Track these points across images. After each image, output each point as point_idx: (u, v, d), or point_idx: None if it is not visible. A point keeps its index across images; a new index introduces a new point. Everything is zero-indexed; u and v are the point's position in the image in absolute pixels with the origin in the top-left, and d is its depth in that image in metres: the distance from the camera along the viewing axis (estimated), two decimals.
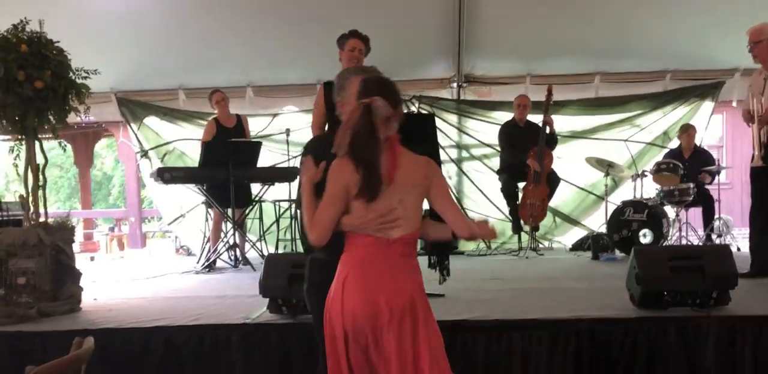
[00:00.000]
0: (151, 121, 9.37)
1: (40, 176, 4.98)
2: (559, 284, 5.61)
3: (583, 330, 4.04)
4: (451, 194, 2.62)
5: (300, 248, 7.73)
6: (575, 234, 9.15)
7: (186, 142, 9.15)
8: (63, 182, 27.31)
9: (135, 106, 9.31)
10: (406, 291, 2.53)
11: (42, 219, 4.95)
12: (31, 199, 4.96)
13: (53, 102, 4.83)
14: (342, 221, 2.51)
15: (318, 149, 2.70)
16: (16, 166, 4.99)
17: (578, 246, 8.52)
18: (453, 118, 9.32)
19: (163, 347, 4.13)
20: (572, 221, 9.33)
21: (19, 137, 4.97)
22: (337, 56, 5.40)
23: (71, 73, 4.91)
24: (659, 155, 8.68)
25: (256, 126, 8.97)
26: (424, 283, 2.64)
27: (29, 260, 4.66)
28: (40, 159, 4.99)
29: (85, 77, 4.98)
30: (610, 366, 4.03)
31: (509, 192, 8.03)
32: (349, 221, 2.51)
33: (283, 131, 8.17)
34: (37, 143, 4.99)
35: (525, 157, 7.70)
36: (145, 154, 9.30)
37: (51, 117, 4.91)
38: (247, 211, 7.68)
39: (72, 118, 5.17)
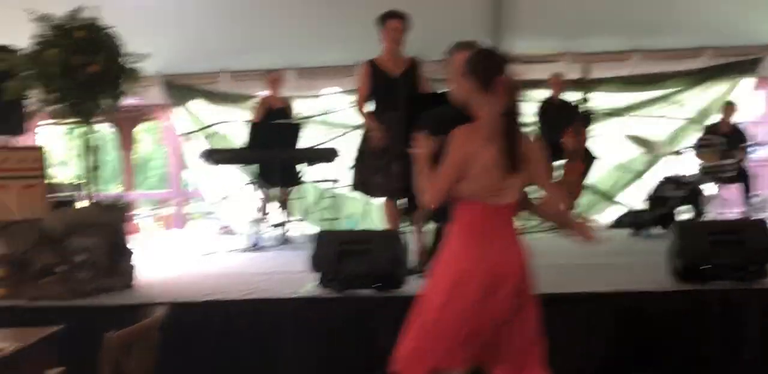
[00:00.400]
0: (196, 103, 9.57)
1: (96, 158, 5.18)
2: (599, 259, 5.67)
3: (625, 304, 4.15)
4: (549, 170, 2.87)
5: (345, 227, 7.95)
6: (614, 211, 9.19)
7: (229, 124, 9.32)
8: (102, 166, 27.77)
9: (180, 89, 9.50)
10: (518, 255, 2.79)
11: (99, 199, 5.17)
12: (86, 180, 5.17)
13: (107, 86, 5.02)
14: (460, 187, 2.69)
15: (435, 123, 2.93)
16: (73, 149, 5.19)
17: (617, 223, 8.56)
18: None
19: (218, 321, 4.32)
20: (610, 198, 9.36)
21: (75, 120, 5.18)
22: (375, 36, 5.52)
23: (123, 58, 5.09)
24: (698, 132, 8.66)
25: (298, 107, 9.12)
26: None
27: (87, 238, 4.86)
28: (94, 142, 5.21)
29: (137, 61, 5.16)
30: (652, 339, 4.13)
31: None
32: (466, 187, 2.69)
33: (323, 113, 8.31)
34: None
35: (560, 135, 7.74)
36: (190, 136, 9.50)
37: (104, 101, 5.11)
38: (291, 190, 7.85)
39: None
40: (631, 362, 4.14)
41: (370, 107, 5.56)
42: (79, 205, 5.71)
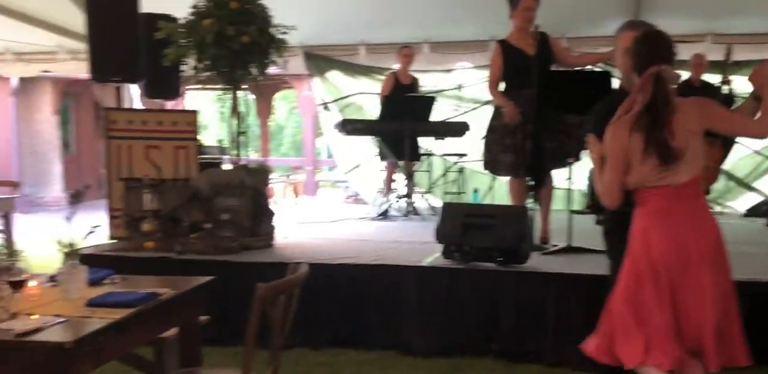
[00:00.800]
0: (333, 75, 9.88)
1: (243, 123, 5.53)
2: (731, 248, 5.55)
3: (758, 291, 4.10)
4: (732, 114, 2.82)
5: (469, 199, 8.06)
6: (749, 199, 8.87)
7: (364, 95, 9.57)
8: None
9: (319, 60, 9.82)
10: (711, 230, 2.72)
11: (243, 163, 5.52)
12: (232, 144, 5.52)
13: (257, 55, 5.32)
14: (626, 181, 2.70)
15: (601, 122, 2.85)
16: (223, 113, 5.55)
17: (753, 212, 8.28)
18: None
19: (347, 283, 4.58)
20: (746, 185, 9.04)
21: (225, 87, 5.52)
22: (505, 12, 5.55)
23: (272, 29, 5.37)
24: None
25: (430, 81, 9.26)
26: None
27: (232, 198, 5.22)
28: (243, 108, 5.55)
29: (285, 33, 5.44)
30: None
31: None
32: (631, 178, 2.70)
33: (456, 87, 8.42)
34: (239, 93, 5.55)
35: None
36: (326, 106, 9.84)
37: (254, 69, 5.42)
38: (416, 164, 8.04)
39: None
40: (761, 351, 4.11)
41: (501, 86, 5.58)
42: (224, 167, 6.09)
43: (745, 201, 8.90)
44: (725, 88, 7.54)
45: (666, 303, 2.65)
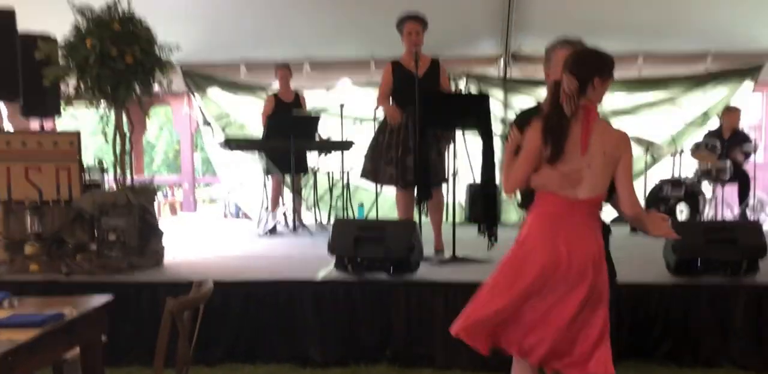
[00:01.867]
0: (214, 92, 9.84)
1: (127, 143, 5.47)
2: None
3: (621, 293, 4.43)
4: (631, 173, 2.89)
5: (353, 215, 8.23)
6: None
7: (246, 113, 9.59)
8: (108, 149, 27.99)
9: (198, 77, 9.77)
10: (589, 246, 2.80)
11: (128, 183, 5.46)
12: (119, 164, 5.46)
13: (141, 75, 5.30)
14: (531, 178, 2.84)
15: (523, 121, 3.01)
16: (106, 133, 5.48)
17: (618, 220, 8.82)
18: (499, 94, 9.64)
19: (242, 299, 4.62)
20: None
21: (109, 106, 5.45)
22: (388, 33, 5.82)
23: (156, 50, 5.38)
24: (699, 134, 8.93)
25: (312, 99, 9.39)
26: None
27: (119, 218, 5.17)
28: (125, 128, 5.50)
29: (169, 53, 5.45)
30: (647, 328, 4.44)
31: None
32: (536, 178, 2.83)
33: (338, 105, 8.59)
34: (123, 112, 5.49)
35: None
36: (207, 123, 9.79)
37: (137, 89, 5.39)
38: (304, 177, 8.14)
39: None
40: (628, 349, 4.46)
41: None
42: (108, 187, 5.99)
43: (612, 211, 9.45)
44: None
45: (516, 300, 2.79)
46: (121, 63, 5.11)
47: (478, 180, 5.66)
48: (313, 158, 8.07)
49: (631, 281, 4.54)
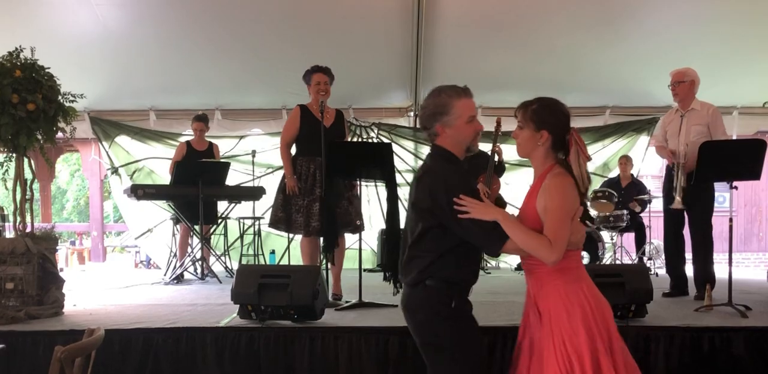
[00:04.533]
0: (122, 139, 9.78)
1: (28, 190, 5.40)
2: (501, 298, 6.16)
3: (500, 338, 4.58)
4: None
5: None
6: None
7: (155, 160, 9.56)
8: (9, 199, 27.16)
9: (107, 125, 9.70)
10: None
11: (28, 230, 5.37)
12: (18, 211, 5.36)
13: (43, 123, 5.26)
14: (571, 240, 2.75)
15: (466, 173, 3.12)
16: (5, 181, 5.39)
17: (520, 267, 9.09)
18: (410, 144, 9.91)
19: (142, 347, 4.55)
20: None
21: (9, 154, 5.39)
22: (299, 84, 5.97)
23: (60, 97, 5.37)
24: (598, 184, 9.33)
25: (223, 147, 9.44)
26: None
27: (17, 267, 5.06)
28: (27, 175, 5.43)
29: (72, 101, 5.44)
30: None
31: None
32: (574, 238, 2.78)
33: (249, 152, 8.66)
34: (25, 160, 5.43)
35: (474, 183, 8.25)
36: (115, 171, 9.69)
37: (40, 137, 5.35)
38: (213, 227, 8.12)
39: None
40: None
41: (292, 149, 5.94)
42: (7, 235, 5.87)
43: (516, 257, 9.72)
44: (496, 156, 8.35)
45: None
46: (23, 110, 5.08)
47: None
48: (223, 205, 8.07)
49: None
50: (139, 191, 7.26)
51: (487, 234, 2.77)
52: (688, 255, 6.26)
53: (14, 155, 5.37)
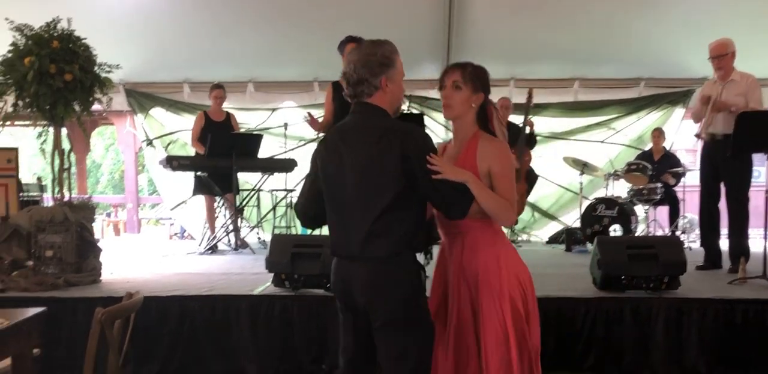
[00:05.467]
0: (157, 111, 9.91)
1: (66, 160, 5.49)
2: (532, 270, 6.08)
3: (549, 307, 4.60)
4: None
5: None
6: (552, 228, 9.73)
7: (189, 132, 9.62)
8: (49, 169, 27.59)
9: (142, 97, 9.82)
10: None
11: (66, 199, 5.47)
12: (57, 181, 5.46)
13: (80, 93, 5.34)
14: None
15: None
16: (44, 150, 5.49)
17: (554, 239, 9.09)
18: (441, 117, 9.84)
19: (179, 314, 4.66)
20: (549, 216, 9.91)
21: (47, 124, 5.47)
22: (332, 55, 5.94)
23: (96, 68, 5.43)
24: (633, 157, 9.23)
25: (255, 119, 9.50)
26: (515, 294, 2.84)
27: (56, 235, 5.17)
28: (65, 145, 5.52)
29: (108, 71, 5.51)
30: (572, 339, 4.60)
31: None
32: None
33: (281, 125, 8.69)
34: (62, 130, 5.52)
35: None
36: (150, 142, 9.80)
37: (77, 107, 5.43)
38: (246, 200, 8.19)
39: None
40: (555, 361, 4.61)
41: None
42: (46, 204, 5.99)
43: (548, 230, 9.74)
44: (527, 129, 8.31)
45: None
46: (60, 81, 5.16)
47: None
48: (256, 177, 8.13)
49: (558, 295, 4.73)
50: (174, 163, 7.34)
51: (459, 195, 2.61)
52: (723, 230, 6.22)
53: (52, 125, 5.46)
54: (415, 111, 9.52)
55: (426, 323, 2.66)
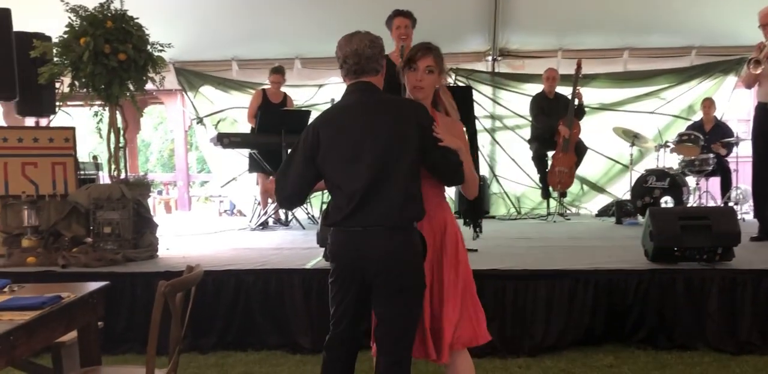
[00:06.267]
0: (206, 90, 10.02)
1: (121, 138, 5.61)
2: (582, 243, 6.15)
3: (600, 279, 4.60)
4: None
5: None
6: (601, 201, 9.64)
7: (238, 110, 9.71)
8: (102, 148, 28.13)
9: (191, 75, 9.94)
10: None
11: (122, 177, 5.61)
12: (113, 159, 5.59)
13: (134, 72, 5.43)
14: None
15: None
16: (100, 129, 5.62)
17: (603, 212, 9.03)
18: (487, 90, 9.81)
19: (234, 287, 4.77)
20: (598, 188, 9.82)
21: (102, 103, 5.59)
22: (379, 30, 5.91)
23: (149, 47, 5.51)
24: (683, 127, 9.08)
25: (302, 96, 9.54)
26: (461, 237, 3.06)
27: (114, 212, 5.31)
28: (119, 124, 5.63)
29: (161, 50, 5.59)
30: (623, 311, 4.60)
31: (539, 160, 8.55)
32: None
33: (328, 101, 8.73)
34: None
35: (555, 125, 8.17)
36: (200, 120, 9.93)
37: (131, 86, 5.53)
38: None
39: None
40: (607, 333, 4.62)
41: None
42: (103, 182, 6.13)
43: (597, 203, 9.66)
44: (576, 100, 8.23)
45: None
46: (114, 60, 5.24)
47: None
48: None
49: (609, 267, 4.72)
50: (225, 140, 7.45)
51: (459, 162, 2.81)
52: None
53: (107, 104, 5.57)
54: (461, 84, 9.50)
55: (425, 285, 2.81)
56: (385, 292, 2.73)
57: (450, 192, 9.15)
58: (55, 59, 5.40)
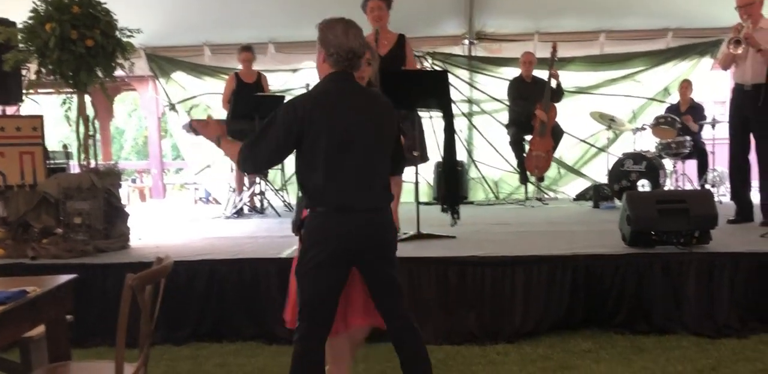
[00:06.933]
0: (178, 75, 9.86)
1: (91, 126, 5.48)
2: (559, 228, 6.13)
3: (578, 265, 4.58)
4: None
5: None
6: (579, 185, 9.63)
7: (211, 96, 9.57)
8: (73, 137, 27.77)
9: (163, 61, 9.78)
10: None
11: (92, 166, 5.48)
12: (83, 148, 5.47)
13: (102, 59, 5.29)
14: None
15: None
16: (68, 117, 5.48)
17: (581, 196, 9.01)
18: (464, 74, 9.74)
19: (207, 277, 4.69)
20: (576, 172, 9.80)
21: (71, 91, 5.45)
22: (354, 13, 5.80)
23: (117, 33, 5.37)
24: (659, 110, 9.08)
25: (276, 81, 9.40)
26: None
27: (84, 202, 5.19)
28: (89, 112, 5.50)
29: (130, 36, 5.45)
30: (602, 296, 4.58)
31: (517, 144, 8.51)
32: None
33: (303, 86, 8.61)
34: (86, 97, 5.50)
35: (532, 109, 8.14)
36: (173, 107, 9.79)
37: (99, 72, 5.40)
38: None
39: None
40: (585, 318, 4.60)
41: None
42: (72, 171, 6.01)
43: (575, 187, 9.64)
44: (553, 83, 8.19)
45: None
46: (82, 46, 5.10)
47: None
48: None
49: (587, 252, 4.69)
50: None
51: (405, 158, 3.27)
52: (754, 182, 6.12)
53: (75, 92, 5.44)
54: (438, 68, 9.42)
55: None
56: (382, 262, 2.93)
57: (428, 178, 9.15)
58: (21, 46, 5.24)
